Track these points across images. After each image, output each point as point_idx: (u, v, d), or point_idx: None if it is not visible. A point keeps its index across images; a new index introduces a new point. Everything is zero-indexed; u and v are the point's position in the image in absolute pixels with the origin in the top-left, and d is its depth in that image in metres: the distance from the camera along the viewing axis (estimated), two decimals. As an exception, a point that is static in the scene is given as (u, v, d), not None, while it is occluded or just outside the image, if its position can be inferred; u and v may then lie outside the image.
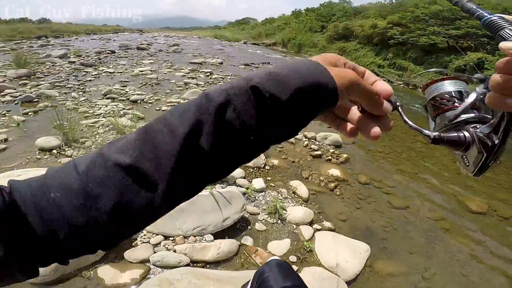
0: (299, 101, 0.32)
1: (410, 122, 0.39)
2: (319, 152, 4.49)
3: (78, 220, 0.28)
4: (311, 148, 4.62)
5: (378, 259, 2.53)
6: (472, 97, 0.38)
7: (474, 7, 0.40)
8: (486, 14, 0.36)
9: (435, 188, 4.29)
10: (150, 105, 5.51)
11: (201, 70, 9.29)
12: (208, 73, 8.93)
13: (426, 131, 0.38)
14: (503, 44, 0.29)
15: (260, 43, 35.24)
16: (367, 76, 0.42)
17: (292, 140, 4.70)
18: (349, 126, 0.40)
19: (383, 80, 0.41)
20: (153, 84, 6.95)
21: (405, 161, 5.24)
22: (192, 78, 8.01)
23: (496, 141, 0.32)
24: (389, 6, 23.59)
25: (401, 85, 16.79)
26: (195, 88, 6.80)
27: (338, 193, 3.52)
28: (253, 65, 12.71)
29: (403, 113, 0.39)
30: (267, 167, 3.80)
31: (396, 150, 5.75)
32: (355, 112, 0.40)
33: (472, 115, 0.36)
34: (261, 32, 39.99)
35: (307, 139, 4.95)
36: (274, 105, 0.32)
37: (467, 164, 0.36)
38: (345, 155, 4.57)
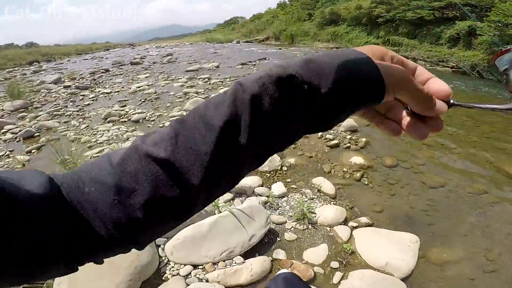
0: (340, 94, 0.30)
1: (481, 105, 0.36)
2: (335, 141, 4.22)
3: (112, 217, 0.27)
4: (326, 138, 4.35)
5: (431, 248, 2.25)
6: None
7: None
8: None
9: (467, 157, 3.98)
10: (152, 122, 5.30)
11: (198, 77, 9.09)
12: (206, 79, 8.72)
13: (506, 105, 0.35)
14: None
15: (253, 40, 35.00)
16: (419, 72, 0.37)
17: None
18: (393, 125, 0.37)
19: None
20: (153, 99, 6.78)
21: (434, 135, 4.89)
22: (191, 86, 7.81)
23: None
24: None
25: (402, 60, 16.34)
26: (195, 97, 6.61)
27: (366, 182, 3.27)
28: (250, 63, 12.47)
29: (463, 104, 0.36)
30: (284, 168, 3.55)
31: None
32: (400, 111, 0.37)
33: None
34: (252, 29, 39.77)
35: (320, 128, 4.72)
36: (312, 96, 0.29)
37: None
38: (363, 139, 4.30)
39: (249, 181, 2.99)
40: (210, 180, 0.29)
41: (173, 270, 1.91)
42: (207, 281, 1.81)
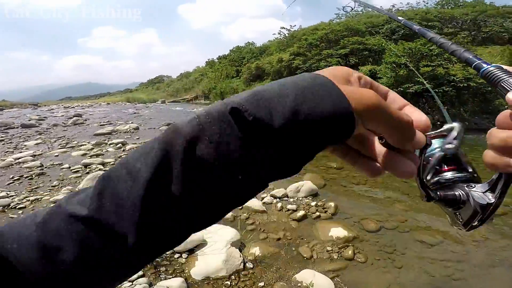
0: (297, 129, 0.23)
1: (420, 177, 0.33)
2: (301, 212, 3.32)
3: (40, 273, 0.25)
4: (289, 210, 3.43)
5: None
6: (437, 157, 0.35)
7: (471, 57, 0.37)
8: (484, 65, 0.34)
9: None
10: (21, 211, 3.51)
11: (110, 142, 7.40)
12: (120, 144, 7.11)
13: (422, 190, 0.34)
14: (510, 95, 0.26)
15: (180, 100, 34.67)
16: (392, 98, 0.31)
17: (260, 206, 3.46)
18: (370, 163, 0.29)
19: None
20: (33, 176, 4.85)
21: (391, 179, 4.59)
22: (97, 155, 6.08)
23: (493, 200, 0.31)
24: (284, 40, 26.82)
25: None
26: (99, 169, 4.97)
27: (361, 259, 2.59)
28: (176, 121, 11.39)
29: (423, 159, 0.31)
30: (249, 266, 2.37)
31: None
32: (376, 145, 0.29)
33: (465, 174, 0.35)
34: (179, 88, 39.81)
35: (277, 199, 3.74)
36: (262, 133, 0.23)
37: (460, 220, 0.34)
38: (331, 204, 3.56)
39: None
40: (147, 236, 0.25)
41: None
42: None
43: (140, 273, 2.19)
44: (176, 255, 2.41)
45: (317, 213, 3.33)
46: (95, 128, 10.05)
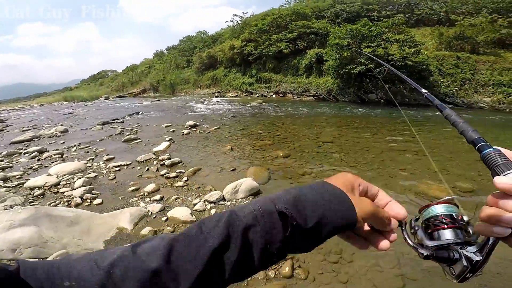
0: (320, 230, 0.37)
1: (409, 241, 0.42)
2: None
3: None
4: None
5: None
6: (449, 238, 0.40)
7: (477, 137, 0.43)
8: (486, 148, 0.40)
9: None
10: None
11: (25, 151, 6.22)
12: (36, 153, 5.99)
13: (421, 250, 0.40)
14: (496, 179, 0.34)
15: (127, 94, 31.93)
16: (380, 196, 0.44)
17: (188, 216, 2.98)
18: (360, 240, 0.43)
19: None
20: None
21: (332, 169, 4.44)
22: (2, 169, 5.01)
23: (481, 258, 0.37)
24: (237, 27, 26.09)
25: (274, 96, 18.24)
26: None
27: (301, 276, 2.24)
28: (115, 121, 10.19)
29: (405, 232, 0.43)
30: None
31: (312, 160, 4.91)
32: (364, 229, 0.43)
33: (459, 240, 0.39)
34: (125, 82, 36.53)
35: (211, 204, 3.31)
36: (298, 230, 0.37)
37: (453, 273, 0.40)
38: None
39: None
40: None
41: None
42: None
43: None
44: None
45: (269, 274, 2.96)
46: (14, 135, 8.48)
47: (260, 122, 8.72)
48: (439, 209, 0.41)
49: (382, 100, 12.25)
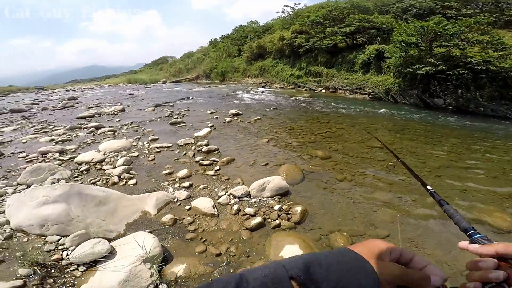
0: None
1: None
2: (258, 219, 2.72)
3: None
4: (245, 214, 2.85)
5: None
6: None
7: (468, 227, 0.56)
8: (474, 235, 0.53)
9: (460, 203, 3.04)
10: None
11: (85, 126, 6.96)
12: (93, 128, 6.63)
13: None
14: (461, 244, 0.52)
15: (182, 80, 33.95)
16: (416, 261, 0.42)
17: (210, 209, 2.90)
18: None
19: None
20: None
21: (376, 179, 3.95)
22: (62, 141, 5.66)
23: None
24: (288, 18, 25.31)
25: (323, 91, 17.26)
26: (54, 158, 4.51)
27: None
28: (167, 104, 10.82)
29: None
30: None
31: (355, 166, 4.48)
32: None
33: None
34: (181, 68, 38.88)
35: (236, 199, 3.16)
36: None
37: None
38: (298, 208, 2.96)
39: None
40: None
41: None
42: None
43: (19, 283, 1.75)
44: (72, 267, 1.94)
45: (278, 221, 2.74)
46: (80, 111, 9.62)
47: (303, 117, 8.31)
48: None
49: (450, 107, 10.61)
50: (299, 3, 23.32)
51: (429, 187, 0.80)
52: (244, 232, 2.59)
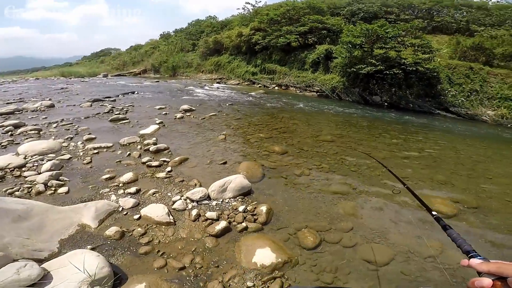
0: None
1: None
2: (223, 223, 2.50)
3: None
4: (207, 219, 2.59)
5: None
6: None
7: (470, 249, 0.61)
8: (475, 257, 0.57)
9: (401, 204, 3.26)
10: None
11: (0, 125, 5.72)
12: (11, 127, 5.49)
13: None
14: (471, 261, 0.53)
15: (127, 73, 31.07)
16: None
17: (164, 217, 2.56)
18: None
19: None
20: None
21: (331, 172, 4.07)
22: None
23: None
24: (248, 15, 25.27)
25: (276, 88, 17.64)
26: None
27: None
28: (107, 99, 9.65)
29: None
30: None
31: (311, 159, 4.51)
32: None
33: None
34: (126, 61, 35.53)
35: (194, 203, 2.87)
36: None
37: None
38: (263, 208, 2.83)
39: None
40: None
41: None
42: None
43: None
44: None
45: (244, 224, 2.57)
46: (-5, 107, 7.94)
47: (258, 113, 8.26)
48: None
49: (386, 104, 11.81)
50: (260, 1, 23.50)
51: (434, 213, 0.88)
52: (209, 240, 2.34)
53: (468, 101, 10.76)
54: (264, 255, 2.11)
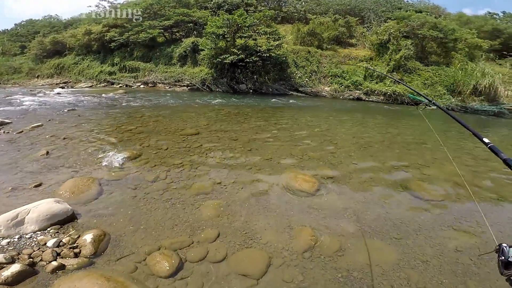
0: None
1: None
2: (16, 267, 1.68)
3: None
4: None
5: None
6: None
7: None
8: None
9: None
10: None
11: None
12: None
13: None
14: None
15: None
16: None
17: None
18: None
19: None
20: None
21: (194, 168, 3.65)
22: None
23: None
24: (103, 12, 21.38)
25: (141, 86, 15.75)
26: None
27: None
28: None
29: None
30: None
31: (170, 158, 3.92)
32: None
33: None
34: None
35: None
36: None
37: None
38: (88, 236, 2.06)
39: None
40: None
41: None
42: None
43: None
44: None
45: (57, 262, 1.77)
46: None
47: (110, 116, 6.83)
48: None
49: (251, 90, 12.64)
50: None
51: (486, 140, 1.00)
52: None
53: (311, 81, 12.93)
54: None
